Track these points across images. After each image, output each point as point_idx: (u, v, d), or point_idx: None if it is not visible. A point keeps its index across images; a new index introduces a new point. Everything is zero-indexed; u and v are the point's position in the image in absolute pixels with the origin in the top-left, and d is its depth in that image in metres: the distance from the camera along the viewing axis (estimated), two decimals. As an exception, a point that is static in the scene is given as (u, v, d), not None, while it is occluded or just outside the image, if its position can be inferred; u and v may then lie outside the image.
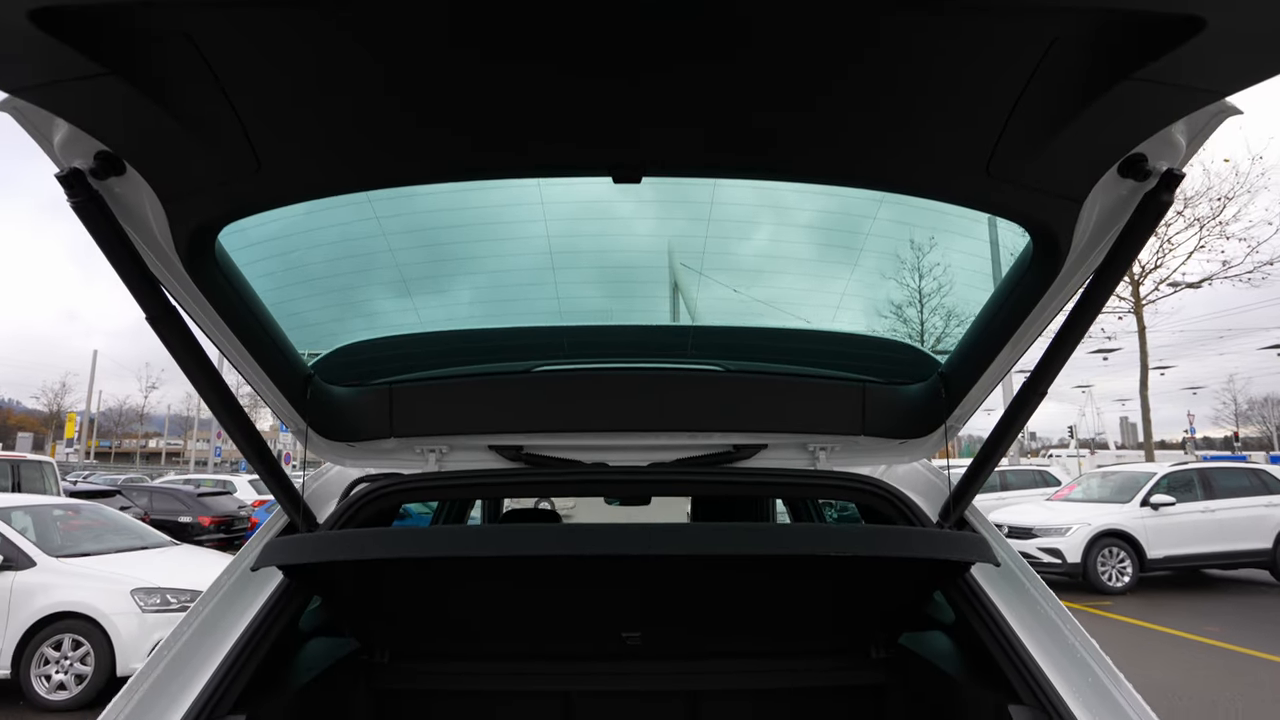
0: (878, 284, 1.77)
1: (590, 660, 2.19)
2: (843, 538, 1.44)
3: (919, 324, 1.84)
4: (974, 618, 1.67)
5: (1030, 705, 1.52)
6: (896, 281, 1.76)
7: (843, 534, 1.47)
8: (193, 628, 1.59)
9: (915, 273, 1.73)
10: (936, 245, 1.64)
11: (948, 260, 1.65)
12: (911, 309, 1.82)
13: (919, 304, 1.79)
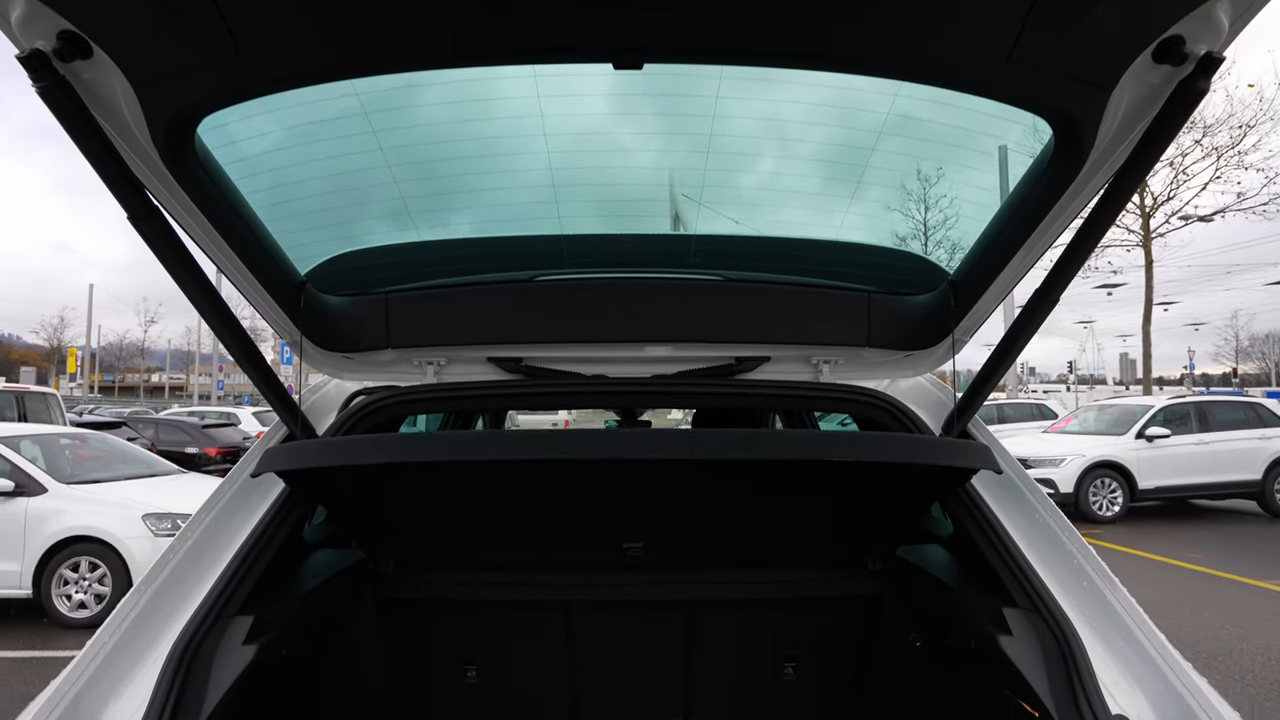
0: (886, 192, 1.70)
1: (591, 570, 2.24)
2: (847, 443, 1.43)
3: (928, 233, 1.78)
4: (972, 526, 1.69)
5: (1025, 609, 1.55)
6: (906, 189, 1.70)
7: (847, 440, 1.47)
8: (197, 533, 1.61)
9: (925, 178, 1.66)
10: (949, 146, 1.56)
11: (961, 162, 1.58)
12: (921, 217, 1.76)
13: (929, 211, 1.72)
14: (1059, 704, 1.41)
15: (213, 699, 1.41)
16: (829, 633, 2.44)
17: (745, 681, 2.49)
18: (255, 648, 1.49)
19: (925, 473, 1.67)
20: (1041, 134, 1.35)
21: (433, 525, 2.03)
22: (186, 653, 1.41)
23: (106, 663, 1.42)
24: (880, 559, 2.24)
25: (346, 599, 2.16)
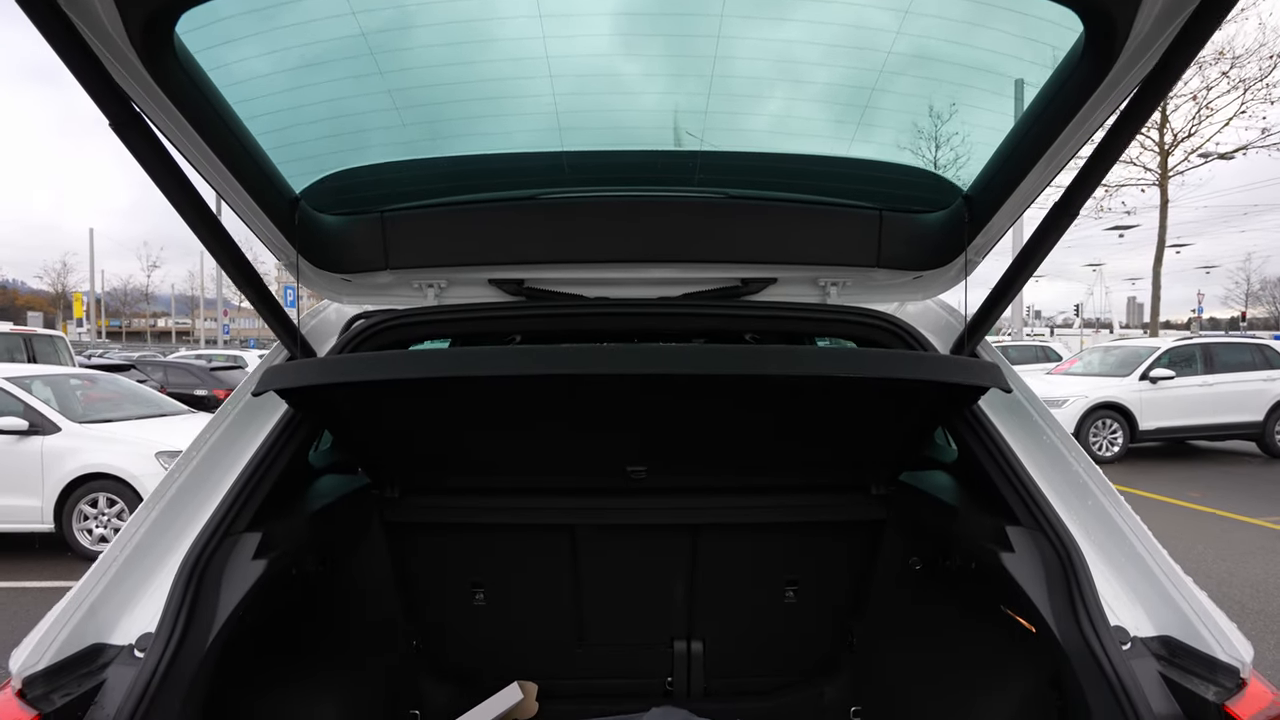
0: (900, 103, 1.62)
1: (596, 495, 2.26)
2: (858, 360, 1.41)
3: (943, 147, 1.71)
4: (978, 447, 1.69)
5: (1028, 527, 1.56)
6: (920, 101, 1.62)
7: (858, 357, 1.44)
8: (201, 454, 1.62)
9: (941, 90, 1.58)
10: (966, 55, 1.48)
11: (979, 70, 1.50)
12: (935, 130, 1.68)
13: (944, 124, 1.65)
14: (1058, 617, 1.43)
15: (224, 611, 1.44)
16: (830, 557, 2.48)
17: (746, 604, 2.55)
18: (264, 563, 1.52)
19: (934, 392, 1.66)
20: (1069, 33, 1.28)
21: (436, 449, 2.03)
22: (197, 567, 1.43)
23: (119, 577, 1.45)
24: (884, 484, 2.25)
25: (354, 523, 2.19)
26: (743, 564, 2.48)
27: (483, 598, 2.51)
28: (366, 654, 2.18)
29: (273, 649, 2.06)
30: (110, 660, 1.35)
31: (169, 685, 1.33)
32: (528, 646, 2.60)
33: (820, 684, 2.58)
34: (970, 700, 1.85)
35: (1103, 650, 1.34)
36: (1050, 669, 1.71)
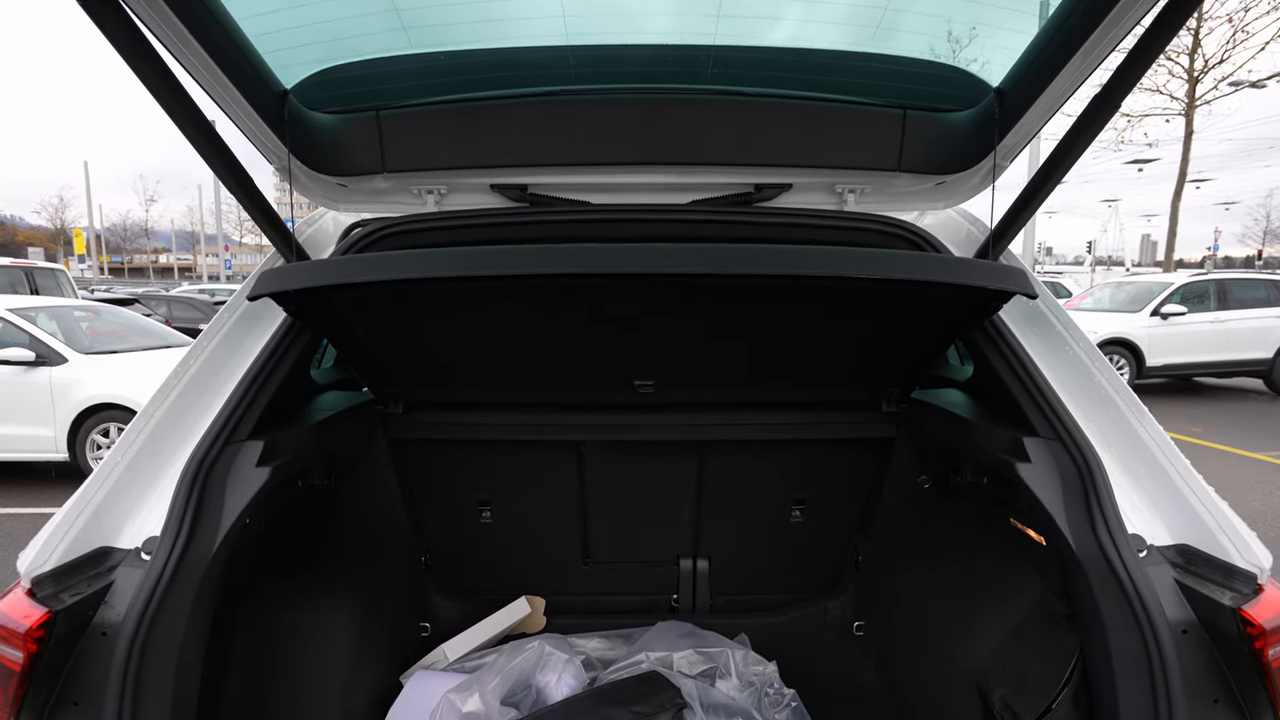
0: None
1: (602, 411, 2.23)
2: (881, 261, 1.34)
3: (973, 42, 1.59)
4: (997, 359, 1.64)
5: (1046, 438, 1.52)
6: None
7: (882, 258, 1.37)
8: (199, 361, 1.58)
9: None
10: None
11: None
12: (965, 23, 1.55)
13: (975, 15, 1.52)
14: (1074, 526, 1.41)
15: (230, 516, 1.43)
16: (838, 475, 2.47)
17: (753, 522, 2.56)
18: (268, 471, 1.50)
19: (958, 298, 1.59)
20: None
21: (437, 360, 1.99)
22: (200, 473, 1.42)
23: (122, 483, 1.44)
24: (895, 401, 2.22)
25: (358, 437, 2.18)
26: (750, 482, 2.48)
27: (489, 515, 2.53)
28: (376, 569, 2.21)
29: (284, 562, 2.08)
30: (118, 563, 1.35)
31: (178, 586, 1.33)
32: (535, 563, 2.63)
33: (824, 601, 2.62)
34: (974, 613, 1.86)
35: (1119, 558, 1.32)
36: (1058, 580, 1.71)
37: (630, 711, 1.98)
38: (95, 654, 1.27)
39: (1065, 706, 1.49)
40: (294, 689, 1.86)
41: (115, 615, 1.29)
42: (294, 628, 1.90)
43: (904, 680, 2.10)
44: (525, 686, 2.11)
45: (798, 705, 2.06)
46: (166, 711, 1.31)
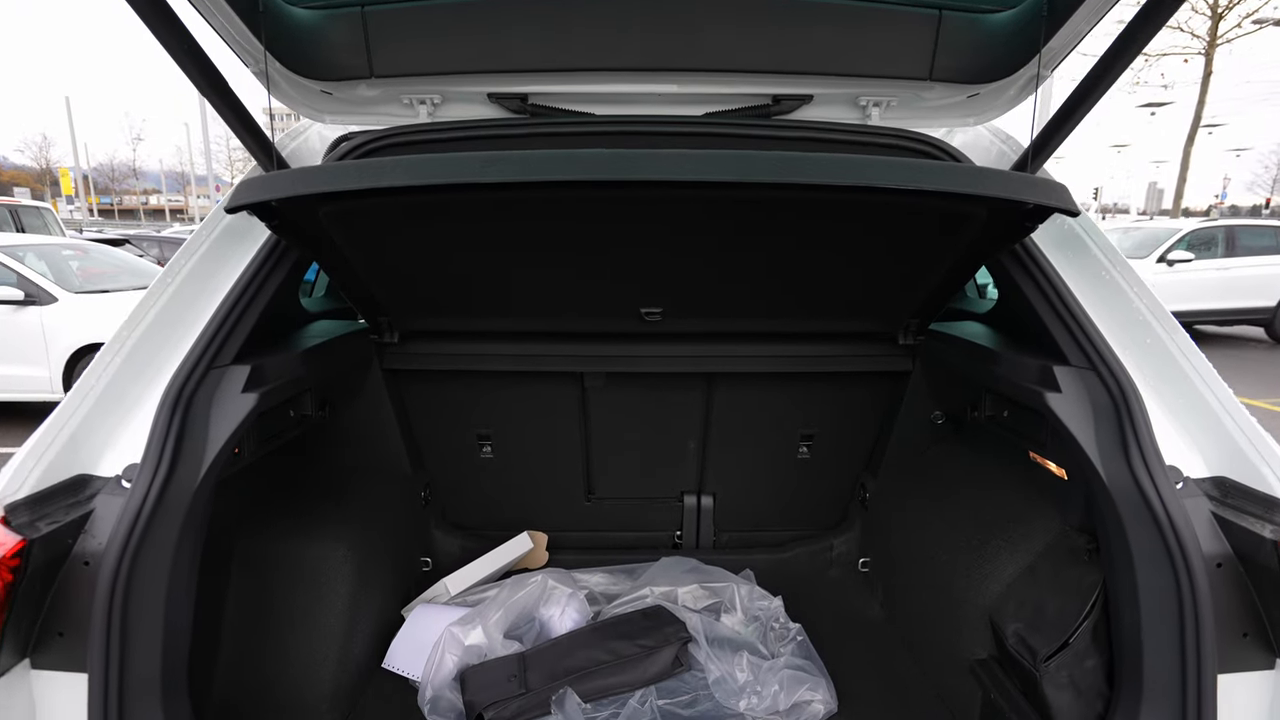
0: None
1: (606, 341, 2.14)
2: (915, 171, 1.22)
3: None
4: (1027, 283, 1.54)
5: (1079, 367, 1.44)
6: None
7: (913, 167, 1.25)
8: (177, 281, 1.48)
9: None
10: None
11: None
12: None
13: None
14: (1106, 458, 1.34)
15: (215, 444, 1.36)
16: (848, 411, 2.40)
17: (759, 459, 2.51)
18: (254, 397, 1.42)
19: (992, 215, 1.48)
20: None
21: (433, 285, 1.89)
22: (181, 397, 1.33)
23: (99, 408, 1.35)
24: (912, 333, 2.13)
25: (353, 368, 2.09)
26: (757, 417, 2.41)
27: (490, 450, 2.47)
28: (375, 503, 2.15)
29: (281, 495, 2.02)
30: (97, 491, 1.28)
31: (163, 515, 1.26)
32: (536, 499, 2.59)
33: (829, 538, 2.60)
34: (987, 549, 1.82)
35: (1154, 489, 1.25)
36: (1080, 515, 1.65)
37: (636, 644, 1.96)
38: (78, 584, 1.21)
39: (1084, 640, 1.46)
40: (293, 623, 1.82)
41: (97, 544, 1.22)
42: (292, 561, 1.86)
43: (912, 615, 2.08)
44: (529, 620, 2.08)
45: (803, 639, 2.04)
46: (158, 643, 1.26)
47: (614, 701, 1.86)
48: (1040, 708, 1.50)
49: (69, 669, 1.22)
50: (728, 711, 1.84)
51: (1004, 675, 1.65)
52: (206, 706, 1.71)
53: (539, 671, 1.86)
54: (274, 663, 1.78)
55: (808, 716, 1.81)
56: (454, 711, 1.80)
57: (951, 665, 1.84)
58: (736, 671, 1.92)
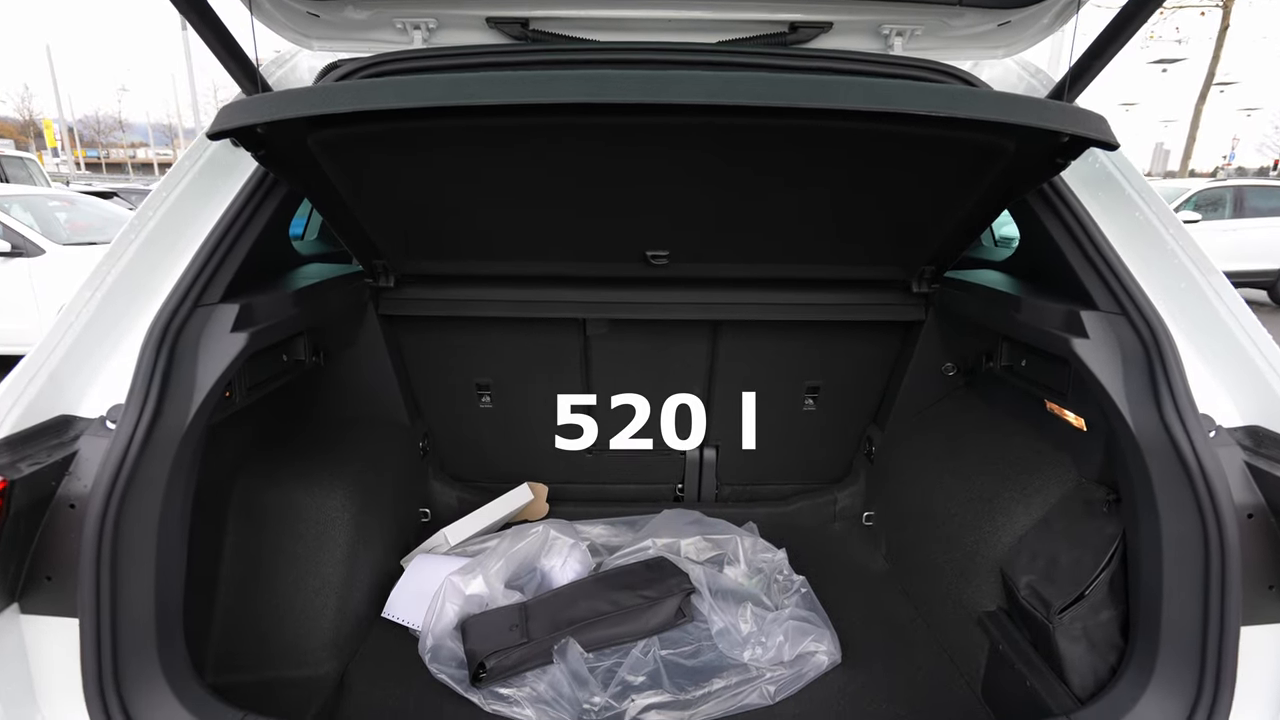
0: None
1: (609, 287, 2.07)
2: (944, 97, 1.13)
3: None
4: (1056, 225, 1.47)
5: (1107, 311, 1.37)
6: None
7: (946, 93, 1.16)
8: (159, 214, 1.39)
9: None
10: None
11: None
12: None
13: None
14: (1134, 405, 1.29)
15: (204, 385, 1.29)
16: (856, 361, 2.35)
17: (764, 411, 2.46)
18: (244, 337, 1.35)
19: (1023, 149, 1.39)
20: None
21: (429, 223, 1.80)
22: (166, 336, 1.26)
23: (80, 346, 1.28)
24: (927, 281, 2.06)
25: (348, 312, 2.02)
26: (763, 368, 2.35)
27: (489, 400, 2.42)
28: (372, 453, 2.10)
29: (277, 444, 1.97)
30: (81, 432, 1.22)
31: (150, 458, 1.21)
32: (537, 451, 2.55)
33: (833, 492, 2.57)
34: (999, 502, 1.78)
35: (1185, 437, 1.20)
36: (1097, 466, 1.61)
37: (638, 595, 1.94)
38: (64, 528, 1.16)
39: (1100, 592, 1.43)
40: (292, 572, 1.79)
41: (82, 487, 1.17)
42: (289, 511, 1.82)
43: (918, 568, 2.06)
44: (530, 570, 2.06)
45: (807, 591, 2.02)
46: (150, 588, 1.22)
47: (616, 651, 1.85)
48: (1051, 659, 1.48)
49: (59, 614, 1.18)
50: (731, 662, 1.82)
51: (1013, 627, 1.63)
52: (205, 655, 1.69)
53: (541, 621, 1.83)
54: (272, 612, 1.76)
55: (812, 667, 1.80)
56: (455, 660, 1.78)
57: (957, 618, 1.82)
58: (740, 623, 1.91)
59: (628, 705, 1.67)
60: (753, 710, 1.71)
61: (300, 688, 1.71)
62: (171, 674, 1.26)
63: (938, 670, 1.83)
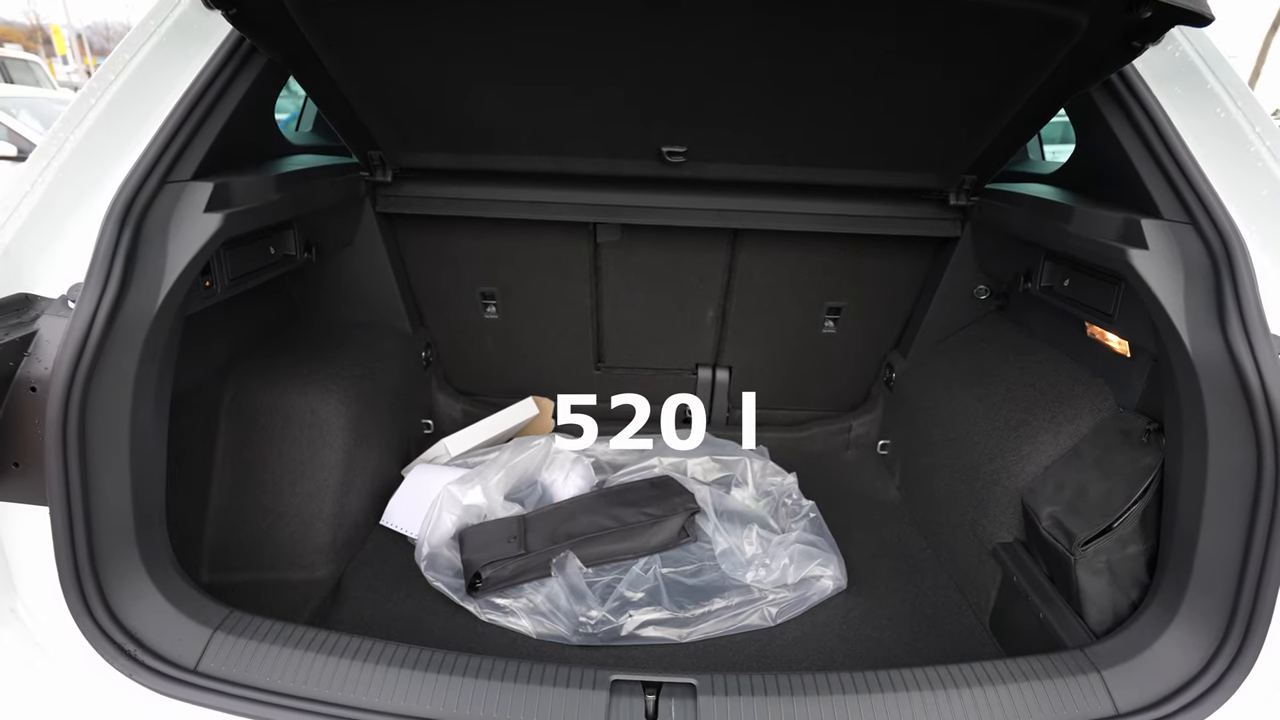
0: None
1: (621, 188, 1.92)
2: None
3: None
4: (1121, 121, 1.30)
5: (1171, 220, 1.22)
6: None
7: None
8: (123, 76, 1.25)
9: None
10: None
11: None
12: None
13: None
14: (1195, 326, 1.16)
15: (174, 269, 1.20)
16: (882, 281, 2.20)
17: (781, 332, 2.34)
18: (219, 218, 1.24)
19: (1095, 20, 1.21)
20: None
21: (424, 104, 1.64)
22: (131, 212, 1.16)
23: (35, 222, 1.18)
24: (967, 192, 1.89)
25: (341, 206, 1.89)
26: (782, 285, 2.22)
27: (494, 310, 2.31)
28: (371, 360, 2.02)
29: (273, 346, 1.90)
30: (41, 311, 1.13)
31: (117, 342, 1.13)
32: (543, 366, 2.46)
33: (849, 419, 2.47)
34: (1025, 430, 1.68)
35: (1252, 360, 1.08)
36: (1137, 394, 1.49)
37: (641, 513, 1.88)
38: (27, 411, 1.09)
39: (1129, 525, 1.33)
40: (286, 474, 1.75)
41: (43, 369, 1.09)
42: (283, 412, 1.76)
43: (932, 498, 1.98)
44: (530, 483, 2.01)
45: (816, 516, 1.96)
46: (125, 475, 1.16)
47: (616, 568, 1.81)
48: (1069, 592, 1.40)
49: (30, 501, 1.12)
50: (733, 583, 1.78)
51: (1030, 559, 1.55)
52: (199, 554, 1.67)
53: (539, 534, 1.79)
54: (267, 514, 1.72)
55: (816, 591, 1.75)
56: (451, 569, 1.75)
57: (970, 548, 1.75)
58: (745, 544, 1.85)
59: (625, 620, 1.64)
60: (753, 631, 1.67)
61: (296, 590, 1.69)
62: (153, 567, 1.21)
63: (945, 600, 1.78)
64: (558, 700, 1.09)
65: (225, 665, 1.12)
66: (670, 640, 1.63)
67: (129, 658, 1.11)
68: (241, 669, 1.12)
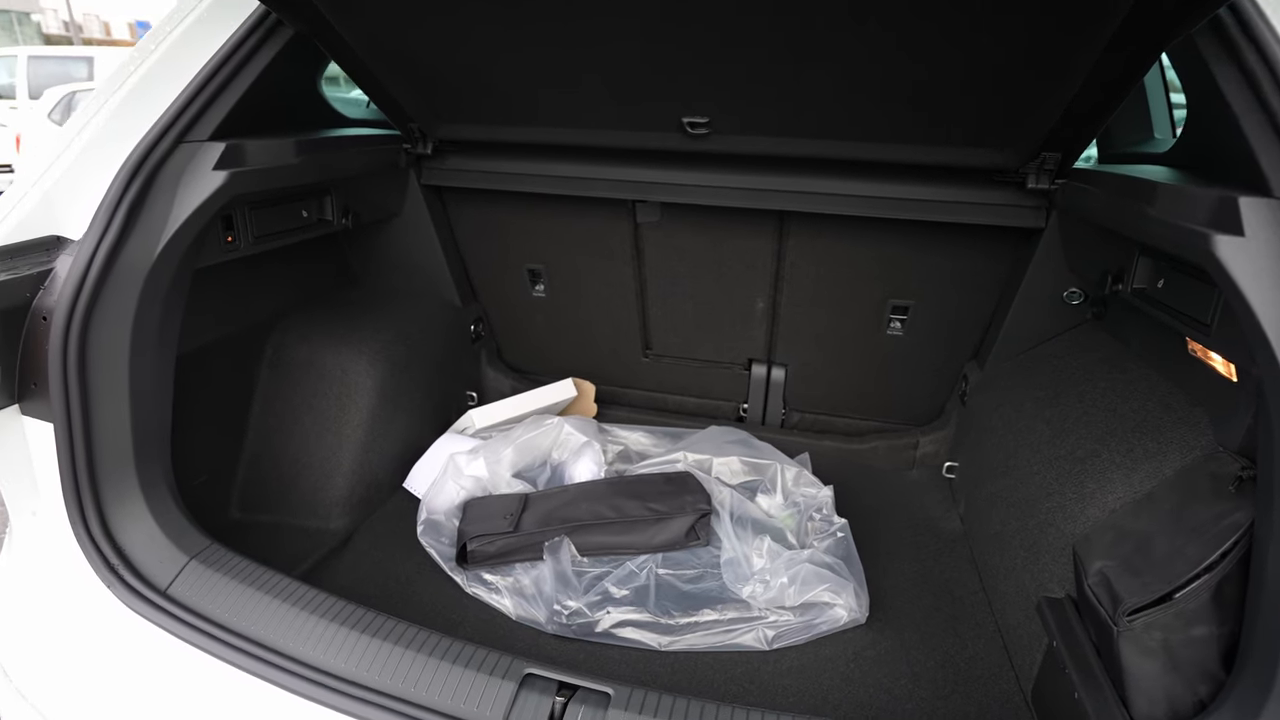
0: None
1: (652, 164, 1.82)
2: None
3: None
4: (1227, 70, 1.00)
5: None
6: None
7: None
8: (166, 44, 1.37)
9: None
10: None
11: None
12: None
13: None
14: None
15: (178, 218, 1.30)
16: (956, 278, 1.91)
17: (841, 330, 2.11)
18: (224, 175, 1.33)
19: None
20: None
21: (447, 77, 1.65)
22: (142, 167, 1.27)
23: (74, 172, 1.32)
24: (1049, 172, 1.56)
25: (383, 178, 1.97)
26: (840, 276, 1.99)
27: (542, 289, 2.31)
28: (412, 326, 2.09)
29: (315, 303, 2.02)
30: (63, 251, 1.27)
31: (117, 280, 1.24)
32: (592, 349, 2.42)
33: (916, 434, 2.18)
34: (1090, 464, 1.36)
35: None
36: (1242, 432, 1.15)
37: (646, 507, 1.78)
38: (40, 338, 1.23)
39: (1198, 597, 1.03)
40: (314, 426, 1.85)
41: (53, 301, 1.22)
42: (314, 367, 1.86)
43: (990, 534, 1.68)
44: (542, 463, 1.97)
45: (844, 536, 1.74)
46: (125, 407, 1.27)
47: (612, 561, 1.72)
48: (1113, 671, 1.11)
49: (44, 418, 1.27)
50: (730, 595, 1.63)
51: (1078, 622, 1.26)
52: (229, 491, 1.81)
53: (535, 515, 1.75)
54: (293, 463, 1.84)
55: (826, 620, 1.55)
56: (447, 538, 1.76)
57: (1018, 599, 1.46)
58: (753, 555, 1.69)
59: (601, 615, 1.55)
60: (745, 652, 1.52)
61: (309, 536, 1.78)
62: (150, 493, 1.32)
63: (985, 657, 1.50)
64: (465, 682, 1.04)
65: (192, 594, 1.19)
66: (648, 645, 1.52)
67: (110, 570, 1.22)
68: (206, 601, 1.18)
